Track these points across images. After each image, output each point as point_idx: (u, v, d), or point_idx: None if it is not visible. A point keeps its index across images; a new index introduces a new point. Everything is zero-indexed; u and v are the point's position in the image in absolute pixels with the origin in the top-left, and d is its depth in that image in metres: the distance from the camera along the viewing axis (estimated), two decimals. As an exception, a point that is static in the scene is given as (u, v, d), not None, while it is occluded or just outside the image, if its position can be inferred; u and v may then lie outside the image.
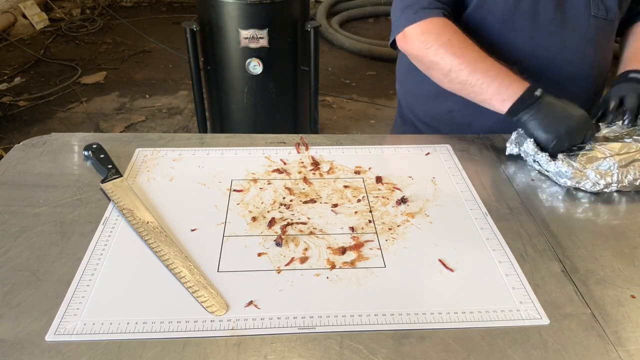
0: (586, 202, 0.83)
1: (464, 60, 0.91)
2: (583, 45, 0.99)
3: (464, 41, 0.93)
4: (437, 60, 0.93)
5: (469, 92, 0.92)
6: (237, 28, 1.99)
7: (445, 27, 0.94)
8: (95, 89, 3.20)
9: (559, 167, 0.84)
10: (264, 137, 0.97)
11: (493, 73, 0.90)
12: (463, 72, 0.91)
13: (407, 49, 0.98)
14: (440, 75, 0.95)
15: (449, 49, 0.92)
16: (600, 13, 0.98)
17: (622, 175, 0.82)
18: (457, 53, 0.91)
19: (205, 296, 0.63)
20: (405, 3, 0.97)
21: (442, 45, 0.92)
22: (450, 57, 0.91)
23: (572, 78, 1.01)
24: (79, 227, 0.74)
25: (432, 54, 0.93)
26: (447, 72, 0.93)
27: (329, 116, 2.99)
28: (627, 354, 0.57)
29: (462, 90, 0.93)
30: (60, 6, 4.37)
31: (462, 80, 0.92)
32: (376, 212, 0.79)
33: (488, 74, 0.90)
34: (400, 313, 0.61)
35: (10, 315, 0.60)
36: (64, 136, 0.96)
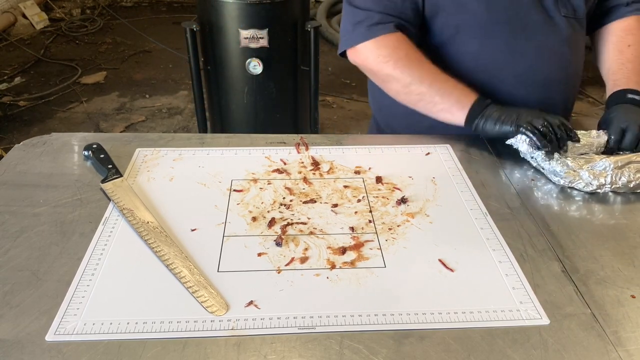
0: (586, 203, 0.83)
1: (424, 73, 0.94)
2: (558, 47, 1.00)
3: (419, 55, 0.95)
4: (396, 74, 0.95)
5: (428, 102, 0.94)
6: (237, 28, 1.99)
7: (400, 42, 0.95)
8: (95, 89, 3.20)
9: (553, 166, 0.84)
10: (264, 137, 0.97)
11: (452, 84, 0.93)
12: (424, 84, 0.94)
13: (360, 62, 0.99)
14: (398, 87, 0.97)
15: (407, 63, 0.94)
16: (570, 13, 0.99)
17: (615, 177, 0.82)
18: (416, 67, 0.94)
19: (205, 296, 0.63)
20: (356, 18, 0.97)
21: (400, 59, 0.94)
22: (410, 70, 0.94)
23: (551, 80, 1.01)
24: (79, 227, 0.74)
25: (389, 68, 0.95)
26: (407, 84, 0.95)
27: (329, 116, 2.99)
28: (627, 354, 0.57)
29: (419, 102, 0.96)
30: (60, 6, 4.37)
31: (421, 92, 0.94)
32: (376, 212, 0.79)
33: (447, 85, 0.93)
34: (400, 313, 0.61)
35: (11, 315, 0.60)
36: (64, 136, 0.96)
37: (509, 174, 0.89)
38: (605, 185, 0.83)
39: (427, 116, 1.00)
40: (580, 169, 0.83)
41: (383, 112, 1.17)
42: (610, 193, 0.84)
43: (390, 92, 0.99)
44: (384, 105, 1.15)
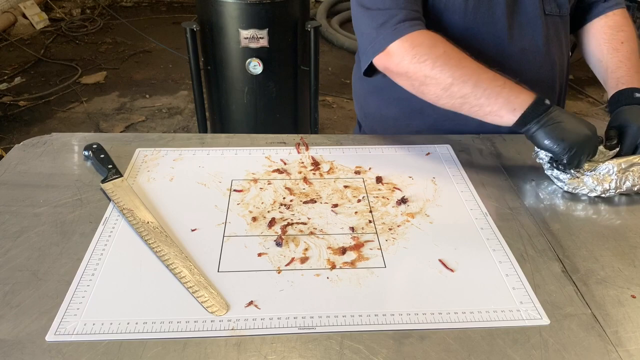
0: (586, 202, 0.83)
1: (466, 71, 0.84)
2: (543, 46, 0.99)
3: (459, 52, 0.87)
4: (435, 74, 0.85)
5: (473, 105, 0.85)
6: (237, 28, 1.99)
7: (437, 39, 0.87)
8: (96, 89, 3.20)
9: (557, 174, 0.84)
10: (264, 137, 0.97)
11: (500, 83, 0.84)
12: (467, 85, 0.84)
13: (394, 66, 0.89)
14: (437, 90, 0.86)
15: (447, 61, 0.85)
16: (554, 11, 0.98)
17: (620, 182, 0.82)
18: (457, 65, 0.85)
19: (205, 296, 0.63)
20: (378, 21, 0.89)
21: (439, 57, 0.85)
22: (450, 69, 0.84)
23: (538, 80, 1.00)
24: (79, 227, 0.74)
25: (427, 68, 0.85)
26: (448, 86, 0.85)
27: (329, 116, 2.99)
28: (627, 354, 0.57)
29: (463, 105, 0.86)
30: (61, 6, 4.37)
31: (465, 94, 0.84)
32: (376, 212, 0.79)
33: (495, 84, 0.84)
34: (401, 313, 0.61)
35: (11, 315, 0.60)
36: (64, 136, 0.96)
37: (509, 174, 0.89)
38: (609, 191, 0.82)
39: (414, 121, 0.97)
40: (582, 174, 0.83)
41: (368, 120, 1.15)
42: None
43: (429, 96, 0.88)
44: (369, 113, 1.13)
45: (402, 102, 1.02)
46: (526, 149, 0.95)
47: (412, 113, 0.93)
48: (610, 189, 0.82)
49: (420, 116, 0.93)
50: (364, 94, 1.03)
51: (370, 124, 1.14)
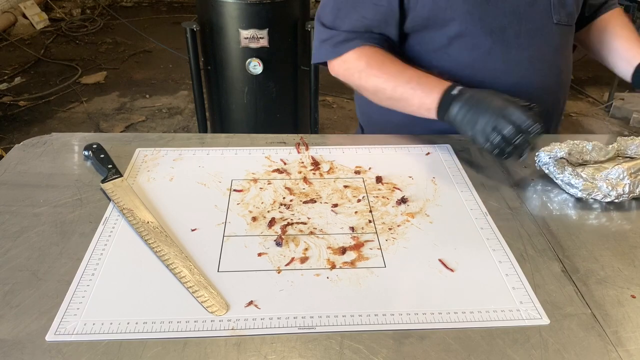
0: (586, 202, 0.83)
1: (385, 77, 0.94)
2: (551, 55, 1.00)
3: (382, 59, 0.95)
4: (362, 84, 0.97)
5: (399, 106, 0.95)
6: (238, 28, 2.00)
7: (362, 54, 0.96)
8: (96, 89, 3.20)
9: (569, 179, 0.82)
10: (264, 137, 0.97)
11: (413, 84, 0.91)
12: (387, 90, 0.94)
13: (335, 74, 1.02)
14: (369, 95, 0.99)
15: (369, 72, 0.95)
16: (562, 20, 0.99)
17: (633, 186, 0.81)
18: (377, 73, 0.94)
19: (205, 296, 0.63)
20: (322, 36, 1.00)
21: (362, 70, 0.96)
22: (372, 78, 0.95)
23: (544, 88, 1.01)
24: (79, 227, 0.74)
25: (357, 79, 0.98)
26: (374, 92, 0.97)
27: (329, 116, 2.99)
28: (627, 354, 0.57)
29: (394, 106, 0.96)
30: (61, 6, 4.37)
31: (389, 97, 0.95)
32: (376, 212, 0.79)
33: (409, 86, 0.91)
34: (401, 313, 0.61)
35: (11, 315, 0.60)
36: (64, 136, 0.96)
37: (509, 174, 0.89)
38: (623, 195, 0.81)
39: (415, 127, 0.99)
40: (594, 179, 0.81)
41: (372, 127, 1.16)
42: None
43: (369, 98, 1.01)
44: (373, 120, 1.15)
45: None
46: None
47: (416, 118, 0.93)
48: (624, 194, 0.81)
49: (425, 122, 0.93)
50: (367, 101, 1.06)
51: (373, 130, 1.16)
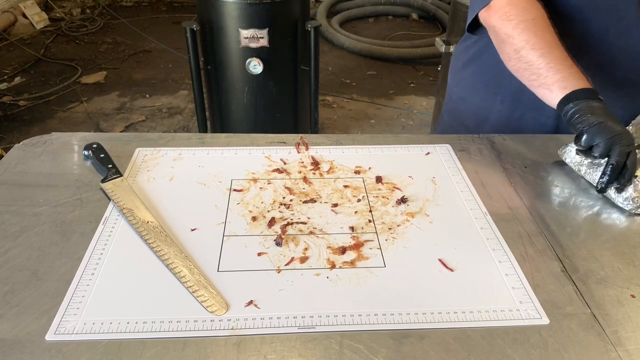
0: (586, 202, 0.83)
1: (541, 41, 0.87)
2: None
3: (546, 24, 0.89)
4: (514, 34, 0.90)
5: (532, 73, 0.88)
6: (238, 28, 2.00)
7: (532, 5, 0.91)
8: (96, 89, 3.20)
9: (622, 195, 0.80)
10: (264, 136, 0.97)
11: (567, 63, 0.86)
12: (535, 52, 0.87)
13: (487, 18, 0.95)
14: (510, 50, 0.91)
15: (529, 27, 0.89)
16: None
17: None
18: (536, 33, 0.88)
19: (205, 296, 0.63)
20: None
21: (524, 21, 0.89)
22: (527, 34, 0.88)
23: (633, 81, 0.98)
24: (79, 226, 0.74)
25: (510, 28, 0.90)
26: (519, 49, 0.89)
27: (329, 116, 3.00)
28: (627, 353, 0.57)
29: (525, 71, 0.89)
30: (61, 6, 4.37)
31: (530, 60, 0.88)
32: (376, 211, 0.79)
33: (560, 62, 0.86)
34: (400, 313, 0.61)
35: (11, 315, 0.60)
36: (64, 136, 0.96)
37: (509, 173, 0.89)
38: None
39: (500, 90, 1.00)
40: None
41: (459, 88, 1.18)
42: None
43: (503, 55, 0.94)
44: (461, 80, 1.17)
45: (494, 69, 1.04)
46: (526, 149, 0.95)
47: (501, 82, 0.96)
48: None
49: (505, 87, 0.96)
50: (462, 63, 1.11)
51: (461, 93, 1.18)
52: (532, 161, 0.91)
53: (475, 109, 1.15)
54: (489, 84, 1.06)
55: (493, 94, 1.09)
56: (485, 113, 1.12)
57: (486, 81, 1.07)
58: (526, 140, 0.98)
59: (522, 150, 0.95)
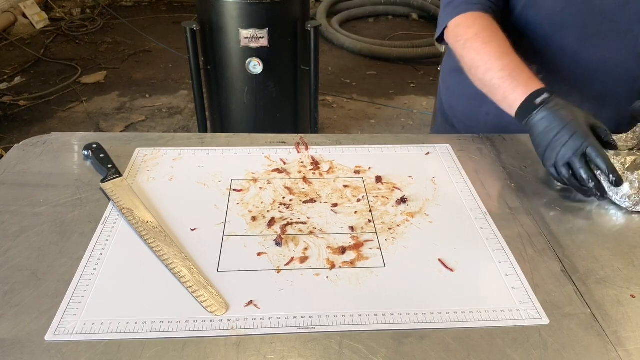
0: (586, 202, 0.83)
1: (483, 57, 0.87)
2: (628, 60, 0.96)
3: (490, 35, 0.89)
4: (464, 54, 0.91)
5: (486, 91, 0.89)
6: (238, 28, 2.00)
7: (476, 21, 0.90)
8: (96, 89, 3.20)
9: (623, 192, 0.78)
10: (264, 136, 0.97)
11: (505, 74, 0.84)
12: (480, 70, 0.88)
13: (448, 41, 0.97)
14: (466, 69, 0.92)
15: (473, 44, 0.89)
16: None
17: None
18: (479, 48, 0.88)
19: (205, 296, 0.63)
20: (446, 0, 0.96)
21: (469, 39, 0.90)
22: (472, 52, 0.89)
23: (614, 93, 0.98)
24: (79, 226, 0.74)
25: (460, 48, 0.91)
26: (469, 68, 0.91)
27: (329, 116, 2.99)
28: (626, 353, 0.57)
29: (482, 89, 0.90)
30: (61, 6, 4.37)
31: (480, 78, 0.89)
32: (376, 211, 0.79)
33: (500, 74, 0.85)
34: (400, 313, 0.61)
35: (10, 315, 0.60)
36: (64, 136, 0.96)
37: (509, 173, 0.89)
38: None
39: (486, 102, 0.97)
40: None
41: (448, 96, 1.17)
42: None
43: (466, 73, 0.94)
44: (449, 88, 1.17)
45: None
46: (526, 149, 0.95)
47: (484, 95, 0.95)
48: None
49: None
50: (449, 69, 1.11)
51: (450, 101, 1.17)
52: (532, 161, 0.91)
53: (464, 118, 1.14)
54: (472, 96, 1.02)
55: (477, 105, 1.06)
56: (473, 123, 1.11)
57: (470, 93, 1.02)
58: (526, 140, 0.97)
59: (522, 150, 0.95)
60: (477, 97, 0.98)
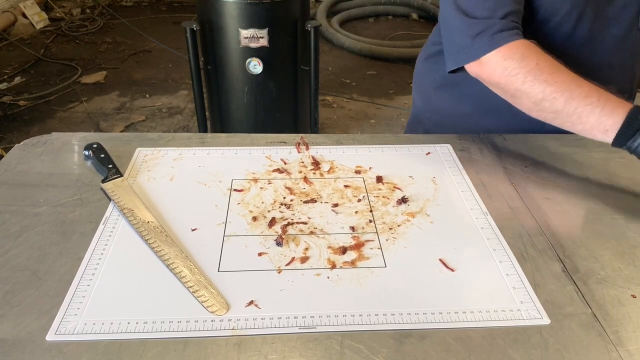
0: (587, 202, 0.83)
1: (558, 87, 0.80)
2: (628, 60, 0.97)
3: (553, 65, 0.83)
4: (525, 89, 0.83)
5: (565, 121, 0.82)
6: (237, 27, 2.00)
7: (530, 51, 0.84)
8: (96, 89, 3.20)
9: None
10: (264, 136, 0.97)
11: (593, 100, 0.79)
12: (558, 101, 0.80)
13: (487, 76, 0.87)
14: (529, 103, 0.84)
15: (538, 76, 0.82)
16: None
17: None
18: (548, 80, 0.81)
19: (205, 296, 0.63)
20: (475, 30, 0.86)
21: (530, 71, 0.82)
22: (541, 84, 0.81)
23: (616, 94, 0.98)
24: (80, 226, 0.74)
25: (519, 83, 0.83)
26: (539, 101, 0.82)
27: (329, 116, 2.99)
28: (627, 353, 0.57)
29: (556, 119, 0.83)
30: (61, 6, 4.37)
31: (556, 110, 0.81)
32: (376, 211, 0.79)
33: (587, 102, 0.79)
34: (401, 313, 0.61)
35: (11, 315, 0.60)
36: (65, 136, 0.96)
37: (510, 173, 0.89)
38: None
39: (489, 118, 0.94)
40: None
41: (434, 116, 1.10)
42: (610, 192, 0.84)
43: (522, 107, 0.87)
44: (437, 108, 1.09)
45: (477, 99, 1.00)
46: (526, 148, 0.95)
47: (487, 111, 0.89)
48: None
49: (496, 114, 0.89)
50: (434, 88, 1.01)
51: (438, 119, 1.10)
52: (533, 161, 0.91)
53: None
54: (469, 116, 0.98)
55: (475, 123, 1.00)
56: None
57: (466, 113, 0.99)
58: (527, 140, 0.98)
59: (522, 150, 0.95)
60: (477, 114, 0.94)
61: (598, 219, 0.79)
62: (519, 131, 0.98)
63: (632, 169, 0.90)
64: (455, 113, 1.05)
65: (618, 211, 0.81)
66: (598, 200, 0.83)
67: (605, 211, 0.81)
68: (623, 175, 0.89)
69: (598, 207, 0.82)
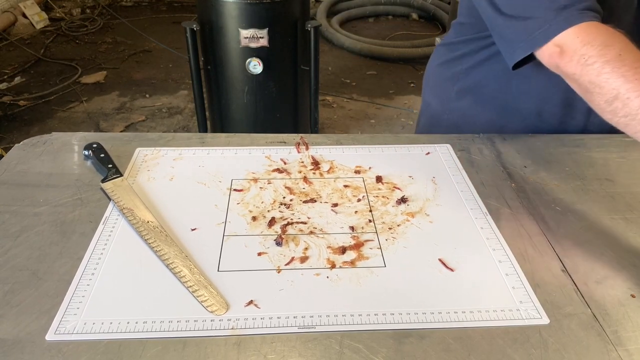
0: (587, 202, 0.83)
1: (636, 85, 0.67)
2: None
3: (637, 56, 0.70)
4: (600, 82, 0.70)
5: (637, 130, 0.68)
6: (238, 27, 2.00)
7: (614, 37, 0.72)
8: (96, 89, 3.20)
9: None
10: (264, 136, 0.97)
11: None
12: (633, 103, 0.67)
13: (563, 64, 0.75)
14: (600, 102, 0.71)
15: (617, 69, 0.69)
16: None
17: None
18: (627, 74, 0.68)
19: (205, 295, 0.63)
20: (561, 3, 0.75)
21: (609, 62, 0.70)
22: (617, 79, 0.69)
23: None
24: (79, 226, 0.74)
25: (594, 74, 0.71)
26: (611, 100, 0.70)
27: (329, 116, 3.00)
28: (627, 353, 0.57)
29: (628, 126, 0.69)
30: (61, 6, 4.37)
31: (628, 113, 0.68)
32: (376, 211, 0.79)
33: None
34: (401, 312, 0.61)
35: (11, 315, 0.60)
36: (64, 136, 0.96)
37: (509, 173, 0.89)
38: None
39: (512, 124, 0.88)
40: None
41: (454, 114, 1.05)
42: (610, 192, 0.84)
43: (593, 105, 0.74)
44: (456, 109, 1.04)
45: (499, 102, 0.96)
46: (526, 148, 0.95)
47: (510, 115, 0.83)
48: None
49: (519, 117, 0.83)
50: (456, 92, 0.95)
51: (455, 120, 1.04)
52: (532, 161, 0.91)
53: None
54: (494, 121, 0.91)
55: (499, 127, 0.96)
56: None
57: (491, 119, 0.91)
58: (526, 140, 0.98)
59: (522, 150, 0.95)
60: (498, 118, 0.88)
61: (598, 219, 0.79)
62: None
63: (632, 169, 0.90)
64: (475, 116, 1.01)
65: (617, 211, 0.81)
66: (598, 200, 0.83)
67: (605, 211, 0.81)
68: (623, 175, 0.89)
69: (597, 207, 0.82)
